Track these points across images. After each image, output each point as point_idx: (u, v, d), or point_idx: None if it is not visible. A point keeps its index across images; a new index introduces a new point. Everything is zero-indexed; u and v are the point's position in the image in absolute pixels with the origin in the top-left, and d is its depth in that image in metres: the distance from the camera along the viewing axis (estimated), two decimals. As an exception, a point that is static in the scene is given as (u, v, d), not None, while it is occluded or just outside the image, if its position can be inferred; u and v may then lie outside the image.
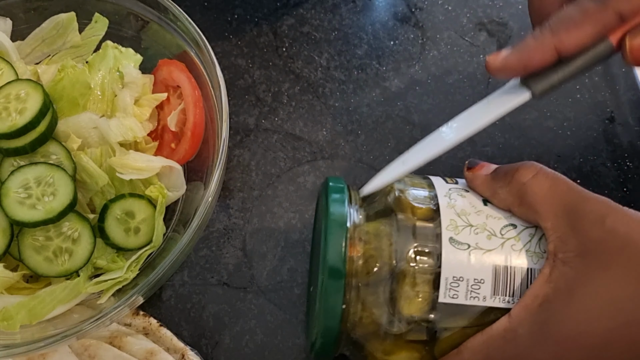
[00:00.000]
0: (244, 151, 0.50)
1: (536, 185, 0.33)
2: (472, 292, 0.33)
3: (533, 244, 0.34)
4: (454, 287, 0.33)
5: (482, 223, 0.34)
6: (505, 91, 0.36)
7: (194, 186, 0.45)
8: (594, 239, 0.30)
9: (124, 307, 0.37)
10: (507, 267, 0.33)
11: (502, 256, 0.33)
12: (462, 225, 0.34)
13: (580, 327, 0.30)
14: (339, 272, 0.34)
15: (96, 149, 0.43)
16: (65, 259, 0.40)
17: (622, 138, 0.50)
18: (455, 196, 0.36)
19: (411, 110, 0.51)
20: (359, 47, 0.54)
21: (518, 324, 0.32)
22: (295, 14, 0.55)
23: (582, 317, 0.30)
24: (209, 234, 0.47)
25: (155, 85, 0.47)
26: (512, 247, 0.34)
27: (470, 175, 0.36)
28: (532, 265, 0.33)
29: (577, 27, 0.32)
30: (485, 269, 0.33)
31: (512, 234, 0.34)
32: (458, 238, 0.34)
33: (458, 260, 0.33)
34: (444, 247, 0.33)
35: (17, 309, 0.38)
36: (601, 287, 0.30)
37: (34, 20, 0.48)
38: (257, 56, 0.54)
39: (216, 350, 0.43)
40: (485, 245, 0.34)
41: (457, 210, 0.35)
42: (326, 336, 0.35)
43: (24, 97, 0.41)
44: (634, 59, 0.33)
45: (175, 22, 0.46)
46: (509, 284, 0.33)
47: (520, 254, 0.33)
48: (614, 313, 0.30)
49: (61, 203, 0.39)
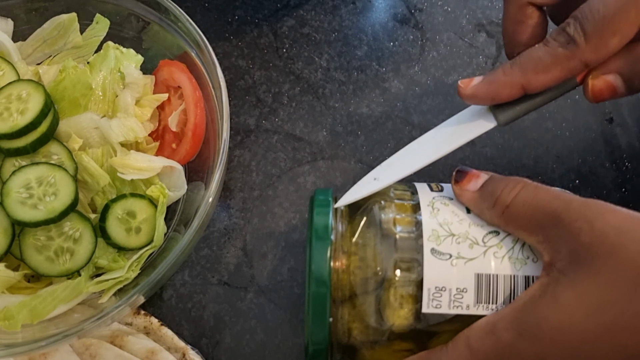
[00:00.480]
0: (245, 151, 0.50)
1: (519, 204, 0.33)
2: (455, 302, 0.33)
3: (516, 250, 0.34)
4: (436, 297, 0.33)
5: (465, 232, 0.34)
6: (474, 114, 0.38)
7: (195, 186, 0.45)
8: (584, 244, 0.30)
9: (125, 307, 0.37)
10: (490, 275, 0.33)
11: (485, 264, 0.33)
12: (444, 235, 0.34)
13: (563, 328, 0.30)
14: (325, 285, 0.34)
15: (97, 149, 0.43)
16: (66, 259, 0.40)
17: (620, 139, 0.50)
18: (438, 205, 0.36)
19: (411, 111, 0.52)
20: (359, 48, 0.54)
21: (500, 318, 0.32)
22: (296, 15, 0.56)
23: (565, 319, 0.30)
24: (209, 234, 0.47)
25: (156, 86, 0.47)
26: (494, 254, 0.34)
27: (457, 190, 0.36)
28: (514, 272, 0.33)
29: (545, 71, 0.34)
30: (468, 278, 0.33)
31: (495, 242, 0.34)
32: (440, 248, 0.34)
33: (440, 271, 0.33)
34: (425, 259, 0.34)
35: (19, 308, 0.39)
36: (588, 291, 0.30)
37: (35, 21, 0.48)
38: (257, 57, 0.54)
39: (217, 349, 0.43)
40: (467, 254, 0.34)
41: (439, 220, 0.35)
42: (317, 344, 0.35)
43: (26, 98, 0.42)
44: (595, 97, 0.36)
45: (176, 23, 0.46)
46: (492, 291, 0.33)
47: (503, 261, 0.33)
48: (599, 316, 0.30)
49: (62, 203, 0.40)
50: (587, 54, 0.34)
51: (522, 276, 0.33)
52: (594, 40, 0.33)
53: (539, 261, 0.33)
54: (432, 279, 0.33)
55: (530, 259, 0.34)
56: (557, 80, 0.35)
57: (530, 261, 0.34)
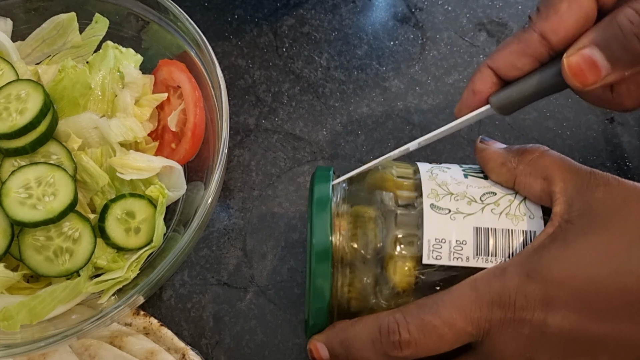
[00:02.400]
0: (244, 151, 0.50)
1: (548, 156, 0.35)
2: (455, 253, 0.34)
3: (513, 207, 0.35)
4: (437, 248, 0.34)
5: (463, 191, 0.36)
6: None
7: (195, 186, 0.45)
8: (596, 198, 0.32)
9: (124, 307, 0.37)
10: (488, 229, 0.35)
11: (483, 219, 0.35)
12: (442, 194, 0.36)
13: (571, 270, 0.31)
14: (326, 252, 0.35)
15: (97, 149, 0.43)
16: (65, 259, 0.40)
17: (621, 138, 0.50)
18: (437, 172, 0.37)
19: (411, 111, 0.51)
20: (359, 47, 0.54)
21: (509, 263, 0.33)
22: (296, 14, 0.56)
23: (574, 261, 0.31)
24: (209, 234, 0.47)
25: (156, 86, 0.47)
26: (492, 210, 0.35)
27: (482, 145, 0.38)
28: (512, 227, 0.35)
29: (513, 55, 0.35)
30: (467, 231, 0.34)
31: (492, 200, 0.36)
32: (439, 204, 0.35)
33: (439, 224, 0.35)
34: (425, 212, 0.35)
35: (18, 308, 0.38)
36: (598, 240, 0.31)
37: (35, 20, 0.48)
38: (257, 56, 0.54)
39: (216, 349, 0.43)
40: (466, 210, 0.35)
41: (438, 182, 0.36)
42: (317, 316, 0.36)
43: (25, 98, 0.42)
44: (574, 76, 0.32)
45: (176, 22, 0.46)
46: (491, 244, 0.34)
47: (500, 216, 0.35)
48: (606, 260, 0.31)
49: (62, 203, 0.40)
50: (539, 23, 0.34)
51: (520, 230, 0.35)
52: (543, 10, 0.34)
53: (535, 218, 0.35)
54: (432, 231, 0.34)
55: (527, 216, 0.35)
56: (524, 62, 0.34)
57: (527, 218, 0.35)
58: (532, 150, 0.36)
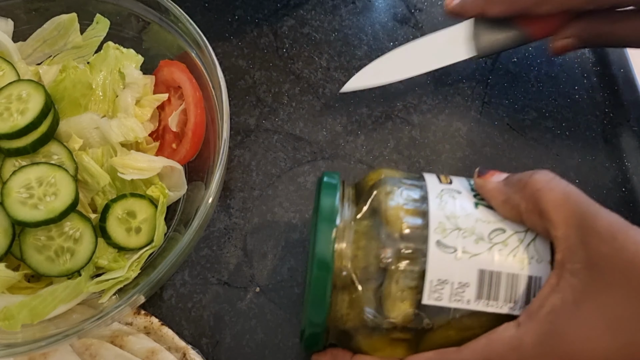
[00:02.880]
0: (245, 151, 0.50)
1: (550, 192, 0.33)
2: (457, 296, 0.33)
3: (521, 249, 0.34)
4: (438, 289, 0.33)
5: (471, 227, 0.34)
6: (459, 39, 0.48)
7: (195, 186, 0.45)
8: (602, 254, 0.31)
9: (125, 307, 0.37)
10: (492, 272, 0.33)
11: (489, 260, 0.33)
12: (450, 229, 0.34)
13: (584, 344, 0.30)
14: (327, 267, 0.34)
15: (97, 149, 0.43)
16: (66, 259, 0.40)
17: (620, 138, 0.50)
18: (446, 198, 0.36)
19: (410, 111, 0.52)
20: (359, 48, 0.54)
21: (524, 332, 0.32)
22: (296, 15, 0.56)
23: (586, 332, 0.30)
24: (209, 234, 0.47)
25: (157, 86, 0.47)
26: (499, 251, 0.34)
27: (481, 181, 0.36)
28: (518, 271, 0.33)
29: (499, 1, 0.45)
30: (471, 273, 0.33)
31: (500, 239, 0.34)
32: (445, 241, 0.34)
33: (444, 263, 0.33)
34: (430, 250, 0.34)
35: (19, 308, 0.39)
36: (605, 304, 0.30)
37: (36, 21, 0.48)
38: (257, 57, 0.54)
39: (217, 349, 0.43)
40: (472, 249, 0.34)
41: (446, 213, 0.35)
42: (314, 327, 0.35)
43: (26, 98, 0.42)
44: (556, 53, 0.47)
45: (176, 23, 0.46)
46: (494, 288, 0.33)
47: (507, 258, 0.34)
48: (616, 332, 0.30)
49: (63, 203, 0.40)
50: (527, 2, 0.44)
51: (525, 275, 0.33)
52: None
53: (542, 262, 0.34)
54: (435, 271, 0.33)
55: (535, 259, 0.34)
56: (507, 13, 0.45)
57: (535, 261, 0.34)
58: (532, 183, 0.34)
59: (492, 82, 0.53)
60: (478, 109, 0.52)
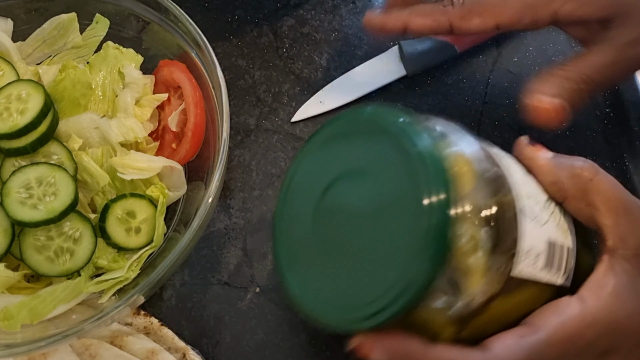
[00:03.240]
0: (245, 151, 0.50)
1: (601, 184, 0.34)
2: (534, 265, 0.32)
3: (562, 220, 0.34)
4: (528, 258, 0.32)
5: (534, 194, 0.33)
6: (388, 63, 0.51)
7: (195, 186, 0.45)
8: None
9: (124, 307, 0.37)
10: (556, 242, 0.33)
11: (552, 229, 0.33)
12: (525, 195, 0.32)
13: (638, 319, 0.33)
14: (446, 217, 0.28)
15: (97, 149, 0.43)
16: (66, 259, 0.40)
17: (621, 138, 0.50)
18: (508, 161, 0.34)
19: (411, 111, 0.51)
20: (359, 48, 0.54)
21: (596, 310, 0.33)
22: (296, 14, 0.56)
23: None
24: (209, 234, 0.47)
25: (156, 86, 0.47)
26: (554, 221, 0.34)
27: (531, 153, 0.36)
28: (566, 242, 0.34)
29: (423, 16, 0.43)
30: (542, 241, 0.32)
31: (552, 208, 0.34)
32: (526, 209, 0.32)
33: (530, 232, 0.32)
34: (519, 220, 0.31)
35: (18, 308, 0.39)
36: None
37: (35, 20, 0.48)
38: (257, 57, 0.54)
39: (217, 349, 0.43)
40: (542, 217, 0.33)
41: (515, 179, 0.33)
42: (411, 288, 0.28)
43: (25, 98, 0.42)
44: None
45: (176, 22, 0.46)
46: (557, 257, 0.33)
47: (558, 228, 0.34)
48: None
49: (62, 203, 0.40)
50: (454, 18, 0.41)
51: (568, 246, 0.34)
52: (465, 11, 0.41)
53: (573, 235, 0.34)
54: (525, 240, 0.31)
55: (569, 231, 0.34)
56: (430, 27, 0.42)
57: (569, 233, 0.34)
58: (583, 173, 0.34)
59: (492, 82, 0.52)
60: (478, 108, 0.51)
